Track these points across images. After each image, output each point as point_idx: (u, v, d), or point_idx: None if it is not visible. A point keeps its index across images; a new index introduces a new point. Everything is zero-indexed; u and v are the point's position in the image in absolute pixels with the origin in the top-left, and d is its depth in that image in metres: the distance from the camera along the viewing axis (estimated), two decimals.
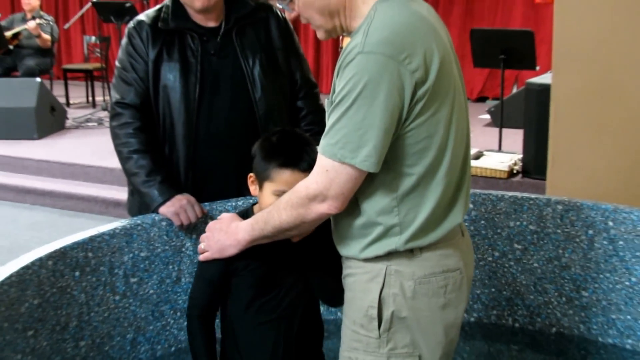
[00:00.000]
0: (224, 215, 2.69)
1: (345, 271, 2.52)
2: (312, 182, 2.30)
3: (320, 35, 2.48)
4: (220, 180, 3.47)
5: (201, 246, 2.66)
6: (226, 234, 2.58)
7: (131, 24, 3.48)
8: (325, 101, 2.55)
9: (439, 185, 2.33)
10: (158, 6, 3.50)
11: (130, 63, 3.41)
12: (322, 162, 2.28)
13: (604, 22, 4.95)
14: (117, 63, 3.48)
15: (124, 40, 3.47)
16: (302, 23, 2.61)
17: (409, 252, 2.36)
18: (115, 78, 3.47)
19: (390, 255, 2.36)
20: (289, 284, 2.66)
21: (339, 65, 2.30)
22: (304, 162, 2.58)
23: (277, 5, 2.52)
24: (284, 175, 2.59)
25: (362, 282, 2.43)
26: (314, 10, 2.39)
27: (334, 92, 2.30)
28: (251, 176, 2.71)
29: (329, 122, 2.29)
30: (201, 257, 2.65)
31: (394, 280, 2.37)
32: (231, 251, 2.57)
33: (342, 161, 2.23)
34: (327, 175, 2.26)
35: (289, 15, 2.45)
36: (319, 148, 2.30)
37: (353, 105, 2.20)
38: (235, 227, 2.57)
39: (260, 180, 2.65)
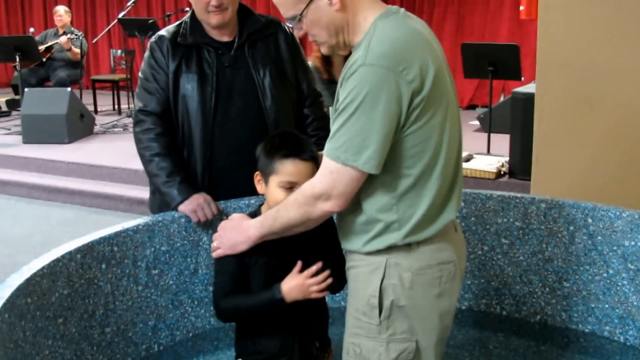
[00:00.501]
0: (234, 215, 2.69)
1: (348, 264, 2.52)
2: (317, 182, 2.31)
3: (324, 50, 2.47)
4: (234, 181, 3.46)
5: (214, 244, 2.65)
6: (237, 231, 2.58)
7: (153, 38, 3.47)
8: (329, 109, 2.55)
9: (435, 184, 2.34)
10: (177, 22, 3.50)
11: (152, 74, 3.41)
12: (327, 164, 2.29)
13: (583, 36, 4.94)
14: (140, 74, 3.48)
15: (147, 54, 3.46)
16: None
17: (407, 246, 2.37)
18: (139, 88, 3.47)
19: (390, 249, 2.37)
20: None
21: (342, 76, 2.31)
22: (304, 153, 2.59)
23: (287, 23, 2.51)
24: (287, 165, 2.58)
25: (364, 273, 2.43)
26: (321, 27, 2.38)
27: (337, 100, 2.31)
28: (257, 175, 2.70)
29: (333, 127, 2.29)
30: (214, 254, 2.64)
31: (394, 272, 2.37)
32: (242, 247, 2.57)
33: (345, 163, 2.24)
34: (331, 176, 2.27)
35: (297, 33, 2.45)
36: (324, 151, 2.30)
37: (355, 112, 2.21)
38: (246, 224, 2.57)
39: (266, 177, 2.64)
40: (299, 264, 2.56)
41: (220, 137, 3.41)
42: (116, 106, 11.85)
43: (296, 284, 2.54)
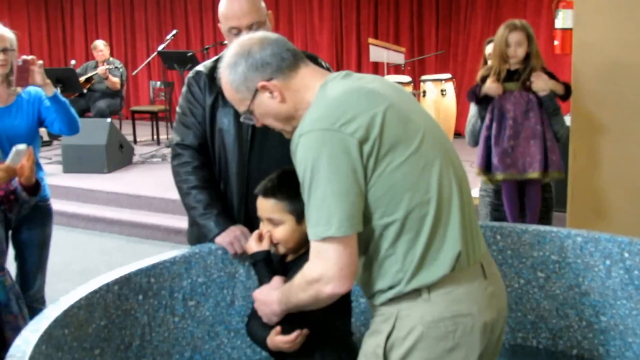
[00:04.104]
0: (263, 287, 2.69)
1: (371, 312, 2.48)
2: (313, 265, 2.26)
3: (287, 135, 2.49)
4: None
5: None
6: (265, 305, 2.61)
7: (191, 74, 3.50)
8: None
9: (428, 220, 2.26)
10: (215, 57, 3.52)
11: (190, 108, 3.43)
12: (313, 246, 2.25)
13: (617, 71, 4.91)
14: (177, 109, 3.50)
15: (184, 89, 3.48)
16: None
17: (417, 293, 2.29)
18: (176, 122, 3.49)
19: (399, 298, 2.30)
20: None
21: (291, 152, 2.31)
22: (266, 190, 2.73)
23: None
24: (257, 202, 2.77)
25: (377, 322, 2.39)
26: (271, 118, 2.44)
27: None
28: None
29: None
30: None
31: (404, 324, 2.30)
32: (275, 319, 2.60)
33: (323, 237, 2.18)
34: (319, 256, 2.23)
35: (257, 123, 2.53)
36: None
37: (312, 185, 2.19)
38: (271, 299, 2.58)
39: None
40: (279, 329, 2.63)
41: (257, 171, 3.40)
42: (155, 137, 11.93)
43: (277, 345, 2.66)
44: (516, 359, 3.68)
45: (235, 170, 3.41)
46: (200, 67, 3.51)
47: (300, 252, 2.71)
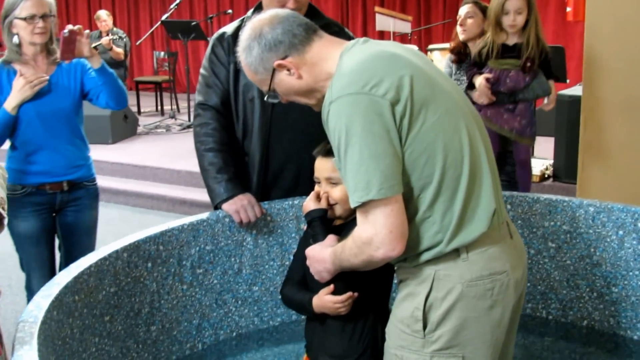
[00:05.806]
0: (315, 246, 2.61)
1: (399, 277, 2.46)
2: (361, 230, 2.25)
3: (315, 109, 2.50)
4: (292, 171, 3.52)
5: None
6: (317, 262, 2.55)
7: (215, 35, 3.56)
8: None
9: (464, 180, 2.26)
10: (240, 18, 3.57)
11: (212, 69, 3.47)
12: (358, 212, 2.24)
13: (632, 38, 4.89)
14: (201, 70, 3.55)
15: (208, 50, 3.54)
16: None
17: (455, 254, 2.29)
18: (199, 84, 3.54)
19: (437, 259, 2.30)
20: None
21: (323, 121, 2.30)
22: (326, 149, 2.63)
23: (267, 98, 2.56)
24: (315, 163, 2.69)
25: (411, 285, 2.36)
26: (293, 94, 2.46)
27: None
28: None
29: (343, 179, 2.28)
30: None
31: (442, 285, 2.30)
32: (327, 277, 2.54)
33: (363, 202, 2.17)
34: (367, 220, 2.21)
35: (283, 100, 2.52)
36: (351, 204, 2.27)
37: (347, 151, 2.18)
38: (324, 257, 2.52)
39: None
40: (332, 287, 2.58)
41: (279, 123, 3.44)
42: (159, 107, 11.92)
43: (324, 305, 2.61)
44: (525, 329, 3.68)
45: (258, 123, 3.44)
46: (225, 29, 3.55)
47: (350, 217, 2.68)
